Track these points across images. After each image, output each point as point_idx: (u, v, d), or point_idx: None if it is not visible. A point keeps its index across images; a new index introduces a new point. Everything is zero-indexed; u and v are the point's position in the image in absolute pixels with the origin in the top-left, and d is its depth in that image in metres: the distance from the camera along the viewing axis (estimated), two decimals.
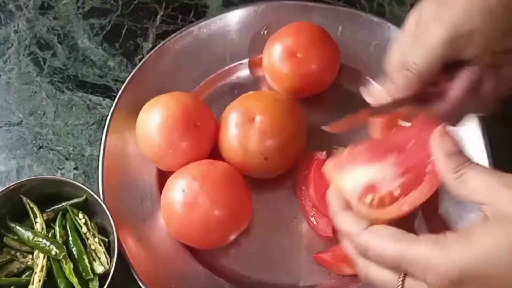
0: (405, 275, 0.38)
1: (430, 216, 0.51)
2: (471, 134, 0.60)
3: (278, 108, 0.61)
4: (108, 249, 0.56)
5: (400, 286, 0.38)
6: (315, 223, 0.61)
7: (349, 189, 0.43)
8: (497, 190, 0.36)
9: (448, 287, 0.36)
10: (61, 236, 0.56)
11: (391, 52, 0.47)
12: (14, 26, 0.76)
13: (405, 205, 0.41)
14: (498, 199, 0.36)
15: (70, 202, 0.58)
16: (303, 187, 0.63)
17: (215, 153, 0.62)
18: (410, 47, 0.45)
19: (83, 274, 0.55)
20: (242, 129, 0.60)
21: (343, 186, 0.43)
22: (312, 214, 0.62)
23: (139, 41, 0.74)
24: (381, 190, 0.41)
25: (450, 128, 0.41)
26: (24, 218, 0.58)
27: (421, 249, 0.36)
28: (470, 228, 0.36)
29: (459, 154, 0.39)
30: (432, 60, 0.44)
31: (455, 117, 0.47)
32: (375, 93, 0.49)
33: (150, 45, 0.74)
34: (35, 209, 0.57)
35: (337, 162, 0.45)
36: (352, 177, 0.43)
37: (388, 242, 0.38)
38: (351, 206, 0.42)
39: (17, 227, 0.57)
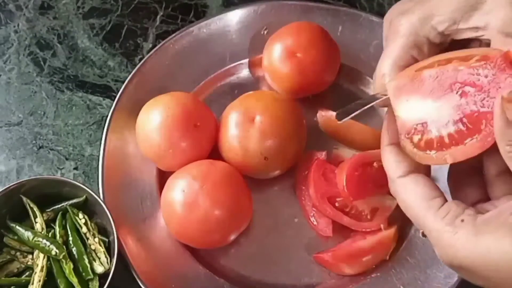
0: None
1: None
2: None
3: (278, 108, 0.61)
4: (108, 249, 0.56)
5: (421, 232, 0.40)
6: (315, 223, 0.61)
7: (401, 120, 0.41)
8: None
9: (446, 263, 0.38)
10: (61, 236, 0.56)
11: (383, 58, 0.46)
12: (14, 26, 0.76)
13: (448, 157, 0.38)
14: None
15: (70, 202, 0.58)
16: (303, 187, 0.63)
17: (215, 153, 0.62)
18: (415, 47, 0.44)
19: (83, 274, 0.55)
20: (242, 129, 0.60)
21: (398, 113, 0.41)
22: (312, 214, 0.62)
23: (139, 41, 0.74)
24: (431, 132, 0.39)
25: None
26: (24, 218, 0.58)
27: (435, 226, 0.37)
28: (487, 224, 0.36)
29: None
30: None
31: None
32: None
33: (150, 45, 0.74)
34: (35, 209, 0.57)
35: (400, 84, 0.41)
36: (408, 108, 0.40)
37: (411, 204, 0.39)
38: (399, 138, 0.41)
39: (17, 227, 0.57)
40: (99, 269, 0.55)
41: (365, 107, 0.43)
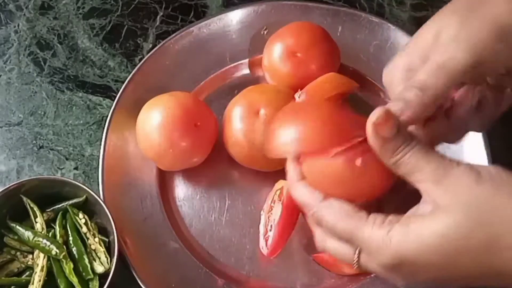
0: (361, 250, 0.40)
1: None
2: (471, 136, 0.60)
3: (282, 99, 0.60)
4: (108, 249, 0.56)
5: (356, 261, 0.40)
6: None
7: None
8: (432, 184, 0.37)
9: (390, 270, 0.38)
10: (61, 236, 0.56)
11: (395, 61, 0.44)
12: (14, 26, 0.76)
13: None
14: (432, 192, 0.37)
15: (70, 202, 0.58)
16: None
17: (215, 153, 0.62)
18: (422, 63, 0.42)
19: (83, 274, 0.55)
20: (247, 123, 0.59)
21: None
22: None
23: (139, 41, 0.74)
24: None
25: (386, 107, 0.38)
26: (24, 218, 0.58)
27: (367, 232, 0.38)
28: (411, 218, 0.38)
29: (395, 139, 0.38)
30: (448, 84, 0.40)
31: (455, 135, 0.46)
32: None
33: (150, 45, 0.74)
34: (35, 209, 0.57)
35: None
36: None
37: (340, 218, 0.40)
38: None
39: (17, 227, 0.57)
40: (99, 269, 0.55)
41: None
